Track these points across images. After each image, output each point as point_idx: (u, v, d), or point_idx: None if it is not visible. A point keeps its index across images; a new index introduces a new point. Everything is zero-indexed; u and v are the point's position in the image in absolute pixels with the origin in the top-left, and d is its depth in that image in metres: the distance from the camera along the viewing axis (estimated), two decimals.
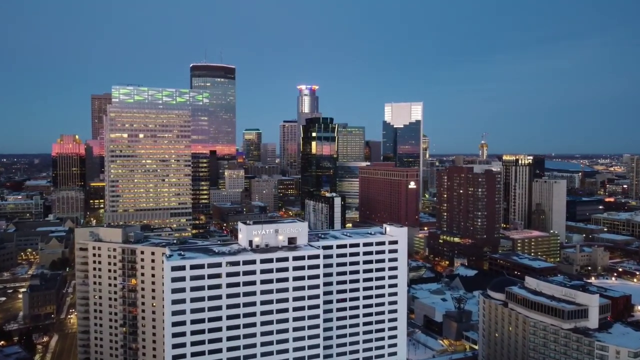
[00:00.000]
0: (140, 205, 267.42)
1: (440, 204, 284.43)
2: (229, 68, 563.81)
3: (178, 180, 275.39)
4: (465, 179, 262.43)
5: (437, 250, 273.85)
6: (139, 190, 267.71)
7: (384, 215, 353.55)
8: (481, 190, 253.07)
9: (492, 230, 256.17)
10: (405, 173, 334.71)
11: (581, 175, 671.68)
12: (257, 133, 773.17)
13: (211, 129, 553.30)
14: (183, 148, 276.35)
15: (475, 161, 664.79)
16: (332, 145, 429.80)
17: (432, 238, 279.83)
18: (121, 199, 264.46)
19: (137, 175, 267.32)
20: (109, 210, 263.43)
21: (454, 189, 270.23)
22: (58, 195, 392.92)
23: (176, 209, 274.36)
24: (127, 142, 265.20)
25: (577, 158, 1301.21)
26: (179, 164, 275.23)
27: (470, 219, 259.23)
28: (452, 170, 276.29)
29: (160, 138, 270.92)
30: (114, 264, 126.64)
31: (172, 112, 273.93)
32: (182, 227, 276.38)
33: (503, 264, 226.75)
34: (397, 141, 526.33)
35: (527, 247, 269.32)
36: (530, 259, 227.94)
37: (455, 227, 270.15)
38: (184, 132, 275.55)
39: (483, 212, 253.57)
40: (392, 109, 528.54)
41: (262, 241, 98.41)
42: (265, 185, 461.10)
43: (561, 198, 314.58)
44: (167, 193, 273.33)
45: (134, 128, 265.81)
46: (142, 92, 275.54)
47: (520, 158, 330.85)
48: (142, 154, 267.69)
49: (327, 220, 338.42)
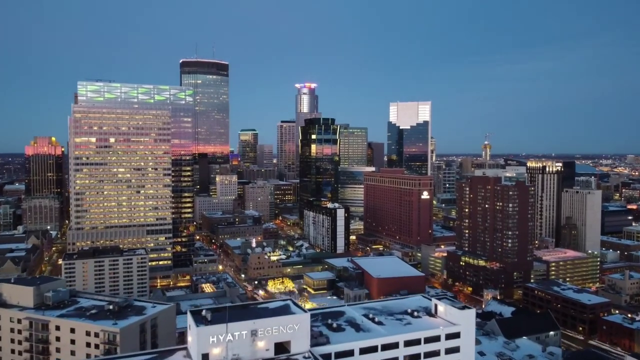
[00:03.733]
0: (110, 222, 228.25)
1: (460, 219, 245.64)
2: (222, 64, 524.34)
3: (156, 191, 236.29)
4: (492, 191, 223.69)
5: (457, 274, 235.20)
6: (110, 204, 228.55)
7: (392, 229, 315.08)
8: (512, 205, 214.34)
9: (524, 252, 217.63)
10: (417, 181, 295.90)
11: (597, 180, 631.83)
12: (254, 134, 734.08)
13: (202, 129, 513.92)
14: (162, 154, 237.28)
15: (484, 164, 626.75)
16: (333, 147, 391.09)
17: (451, 259, 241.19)
18: (88, 214, 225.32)
19: (108, 186, 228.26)
20: (73, 228, 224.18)
21: (478, 202, 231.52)
22: (29, 203, 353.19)
23: (153, 226, 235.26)
24: (96, 148, 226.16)
25: (578, 158, 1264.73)
26: (157, 173, 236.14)
27: (499, 239, 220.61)
28: (476, 181, 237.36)
29: (135, 143, 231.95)
30: (19, 341, 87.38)
31: (149, 112, 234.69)
32: (160, 246, 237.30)
33: (543, 297, 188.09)
34: (403, 143, 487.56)
35: (563, 271, 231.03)
36: (575, 291, 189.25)
37: (480, 247, 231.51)
38: (163, 135, 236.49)
39: (514, 231, 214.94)
40: (397, 109, 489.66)
41: (227, 354, 57.08)
42: (261, 192, 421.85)
43: (596, 211, 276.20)
44: (143, 207, 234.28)
45: (104, 131, 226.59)
46: (114, 88, 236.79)
47: (548, 165, 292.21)
48: (113, 161, 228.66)
49: (329, 235, 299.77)
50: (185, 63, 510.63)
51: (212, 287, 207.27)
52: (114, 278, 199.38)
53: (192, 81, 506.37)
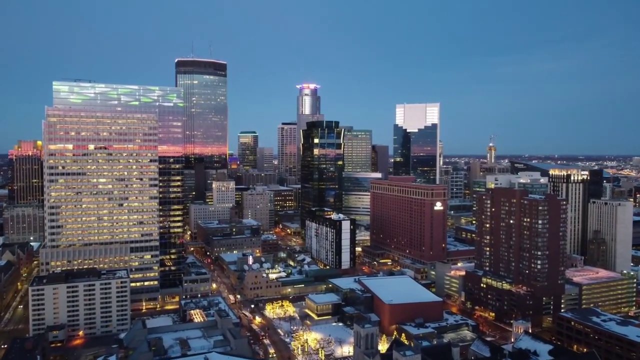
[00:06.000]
0: (89, 238, 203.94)
1: (481, 235, 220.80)
2: (220, 64, 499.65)
3: (141, 204, 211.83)
4: (518, 205, 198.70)
5: (477, 297, 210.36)
6: (89, 219, 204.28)
7: (401, 242, 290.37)
8: (542, 221, 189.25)
9: (554, 274, 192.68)
10: (429, 191, 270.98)
11: (611, 184, 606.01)
12: (253, 136, 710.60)
13: (198, 132, 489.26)
14: (148, 162, 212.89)
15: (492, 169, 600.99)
16: (337, 152, 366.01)
17: (470, 280, 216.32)
18: (64, 230, 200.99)
19: (86, 198, 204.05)
20: (48, 246, 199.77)
21: (502, 218, 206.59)
22: (11, 212, 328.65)
23: (138, 243, 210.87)
24: (73, 156, 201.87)
25: (581, 160, 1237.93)
26: (142, 184, 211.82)
27: (525, 259, 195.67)
28: (499, 193, 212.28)
29: (118, 150, 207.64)
30: None
31: (133, 115, 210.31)
32: (146, 265, 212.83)
33: (581, 330, 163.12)
34: (410, 147, 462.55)
35: (597, 294, 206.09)
36: (618, 322, 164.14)
37: (503, 268, 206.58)
38: (149, 141, 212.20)
39: (544, 250, 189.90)
40: (404, 111, 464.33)
41: None
42: (260, 199, 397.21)
43: (627, 225, 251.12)
44: (127, 222, 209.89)
45: (82, 137, 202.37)
46: (94, 89, 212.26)
47: (573, 173, 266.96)
48: (92, 170, 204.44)
49: (333, 249, 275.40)
50: (181, 62, 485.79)
51: (201, 314, 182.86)
52: (89, 306, 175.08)
53: (188, 81, 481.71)
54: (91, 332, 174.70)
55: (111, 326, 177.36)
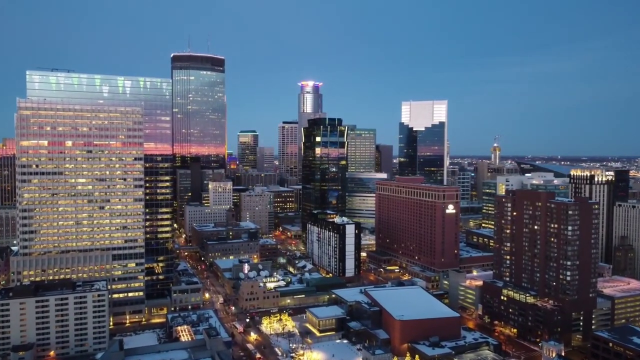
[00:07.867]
0: (67, 245, 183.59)
1: (500, 242, 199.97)
2: (217, 59, 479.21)
3: (125, 207, 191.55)
4: (543, 209, 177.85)
5: (497, 311, 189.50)
6: (66, 223, 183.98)
7: (410, 247, 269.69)
8: (572, 228, 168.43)
9: (585, 286, 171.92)
10: (441, 193, 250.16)
11: None
12: (253, 135, 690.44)
13: (195, 130, 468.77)
14: (133, 161, 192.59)
15: (501, 169, 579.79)
16: (340, 151, 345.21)
17: (488, 291, 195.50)
18: (38, 235, 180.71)
19: (63, 200, 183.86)
20: (20, 253, 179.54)
21: (525, 223, 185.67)
22: None
23: (122, 249, 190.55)
24: (48, 153, 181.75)
25: (585, 160, 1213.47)
26: (126, 184, 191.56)
27: (552, 270, 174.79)
28: (522, 196, 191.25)
29: (99, 147, 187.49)
30: None
31: (116, 108, 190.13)
32: (130, 274, 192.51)
33: (621, 352, 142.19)
34: (416, 146, 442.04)
35: (631, 308, 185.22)
36: None
37: (526, 279, 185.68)
38: (134, 137, 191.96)
39: (574, 260, 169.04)
40: (410, 109, 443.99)
41: None
42: (259, 200, 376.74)
43: None
44: (109, 226, 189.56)
45: (59, 132, 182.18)
46: (72, 79, 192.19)
47: (597, 174, 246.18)
48: (70, 170, 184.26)
49: (336, 255, 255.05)
50: (177, 57, 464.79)
51: (189, 331, 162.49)
52: (62, 322, 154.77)
53: (185, 77, 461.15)
54: (64, 352, 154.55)
55: (87, 345, 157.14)
